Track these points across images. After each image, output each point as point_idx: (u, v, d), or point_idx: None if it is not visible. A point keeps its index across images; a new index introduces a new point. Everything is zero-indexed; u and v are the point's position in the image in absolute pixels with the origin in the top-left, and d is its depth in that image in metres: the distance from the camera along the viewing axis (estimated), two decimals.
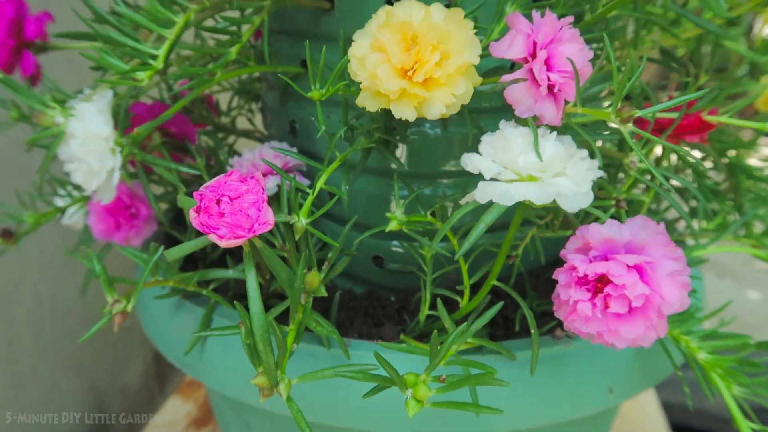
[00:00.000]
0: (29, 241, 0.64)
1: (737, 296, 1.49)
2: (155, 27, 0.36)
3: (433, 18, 0.31)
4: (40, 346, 0.81)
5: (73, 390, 0.84)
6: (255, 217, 0.30)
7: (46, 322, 0.81)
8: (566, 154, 0.31)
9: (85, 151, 0.37)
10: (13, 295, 0.76)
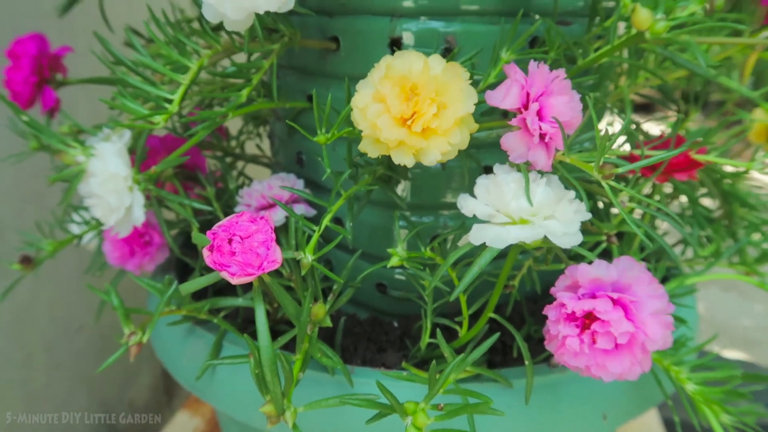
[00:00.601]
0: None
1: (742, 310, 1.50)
2: (171, 73, 0.38)
3: (432, 70, 0.33)
4: (53, 363, 0.83)
5: (85, 405, 0.86)
6: (264, 255, 0.32)
7: (59, 339, 0.84)
8: (555, 198, 0.33)
9: (105, 190, 0.39)
10: (28, 314, 0.78)
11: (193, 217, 0.43)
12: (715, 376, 0.39)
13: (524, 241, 0.32)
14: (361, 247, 0.52)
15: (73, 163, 0.41)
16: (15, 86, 0.47)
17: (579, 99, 0.35)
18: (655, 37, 0.32)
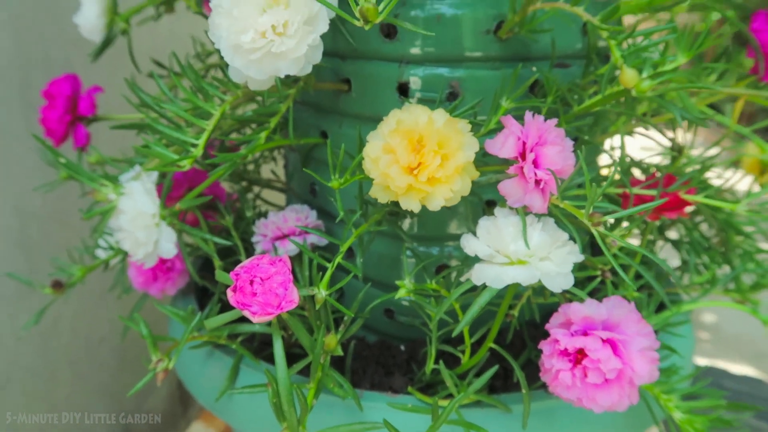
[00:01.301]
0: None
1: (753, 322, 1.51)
2: (196, 120, 0.42)
3: (436, 123, 0.36)
4: (76, 375, 0.86)
5: (104, 415, 0.89)
6: (283, 295, 0.35)
7: (81, 352, 0.87)
8: (550, 241, 0.36)
9: (134, 226, 0.43)
10: (53, 329, 0.82)
11: (215, 253, 0.46)
12: (700, 405, 0.41)
13: (521, 282, 0.35)
14: (370, 274, 0.55)
15: (105, 200, 0.44)
16: (50, 124, 0.51)
17: (571, 147, 0.38)
18: (640, 94, 0.35)
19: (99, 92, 0.54)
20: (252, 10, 0.33)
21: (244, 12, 0.33)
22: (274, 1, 0.33)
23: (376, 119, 0.50)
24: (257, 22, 0.33)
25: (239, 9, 0.33)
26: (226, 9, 0.33)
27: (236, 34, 0.33)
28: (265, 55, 0.33)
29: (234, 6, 0.33)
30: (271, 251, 0.53)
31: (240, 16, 0.33)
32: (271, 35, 0.33)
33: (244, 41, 0.33)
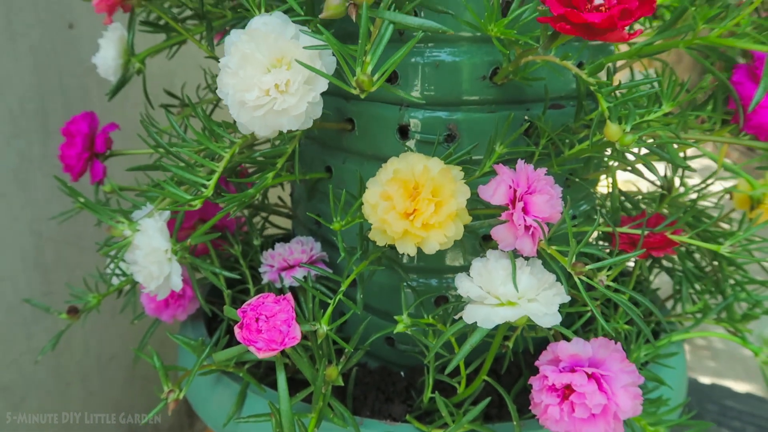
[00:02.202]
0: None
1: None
2: (207, 162, 0.44)
3: (431, 172, 0.39)
4: (87, 392, 0.89)
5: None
6: (286, 332, 0.38)
7: (93, 370, 0.90)
8: (538, 283, 0.38)
9: (148, 261, 0.45)
10: (66, 347, 0.85)
11: (224, 286, 0.49)
12: None
13: (510, 320, 0.38)
14: (371, 303, 0.57)
15: (121, 236, 0.47)
16: (69, 161, 0.54)
17: (560, 193, 0.40)
18: (624, 147, 0.37)
19: (115, 129, 0.57)
20: (256, 70, 0.35)
21: (249, 72, 0.35)
22: (277, 62, 0.36)
23: (378, 157, 0.53)
24: (261, 81, 0.35)
25: (245, 69, 0.35)
26: (233, 69, 0.36)
27: (242, 93, 0.36)
28: (268, 112, 0.36)
29: (240, 67, 0.36)
30: (278, 281, 0.55)
31: (245, 76, 0.35)
32: (274, 93, 0.35)
33: (249, 99, 0.35)
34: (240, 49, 0.35)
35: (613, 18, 0.28)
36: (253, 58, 0.35)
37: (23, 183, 0.77)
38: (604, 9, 0.29)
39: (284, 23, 0.36)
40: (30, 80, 0.77)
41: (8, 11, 0.74)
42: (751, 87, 0.41)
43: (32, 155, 0.78)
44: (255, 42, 0.35)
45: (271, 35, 0.35)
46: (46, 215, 0.79)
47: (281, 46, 0.35)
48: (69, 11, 0.81)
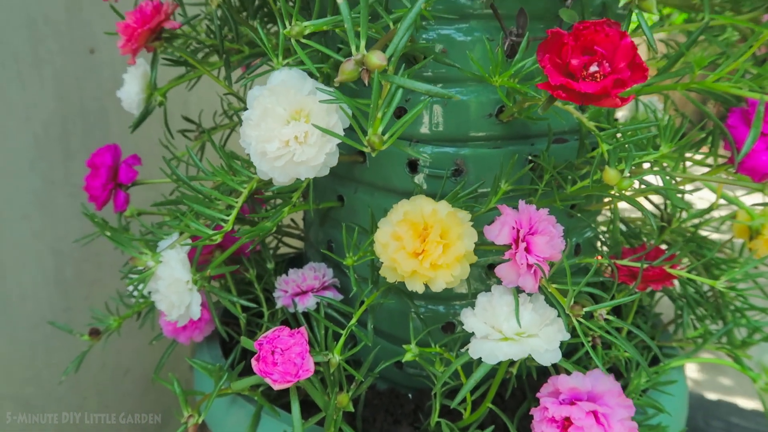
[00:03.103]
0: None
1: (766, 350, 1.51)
2: (226, 198, 0.47)
3: (439, 214, 0.41)
4: (103, 405, 0.92)
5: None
6: (300, 365, 0.40)
7: (108, 383, 0.93)
8: (540, 320, 0.40)
9: (169, 291, 0.48)
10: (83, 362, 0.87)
11: (241, 314, 0.51)
12: None
13: (512, 358, 0.40)
14: (382, 327, 0.59)
15: (144, 266, 0.49)
16: (94, 191, 0.56)
17: (561, 232, 0.42)
18: (621, 191, 0.39)
19: (137, 163, 0.59)
20: (277, 123, 0.38)
21: (270, 124, 0.38)
22: (296, 115, 0.38)
23: (388, 189, 0.55)
24: (281, 133, 0.38)
25: (266, 122, 0.38)
26: (255, 122, 0.38)
27: (263, 143, 0.38)
28: (288, 162, 0.38)
29: (262, 119, 0.38)
30: (291, 306, 0.58)
31: (266, 128, 0.38)
32: (293, 145, 0.38)
33: (270, 150, 0.38)
34: (262, 104, 0.38)
35: (607, 88, 0.30)
36: (274, 112, 0.38)
37: (45, 204, 0.79)
38: (599, 76, 0.31)
39: (302, 79, 0.38)
40: (53, 105, 0.80)
41: (35, 40, 0.77)
42: (744, 131, 0.43)
43: (54, 177, 0.81)
44: (276, 96, 0.38)
45: (291, 91, 0.37)
46: (66, 234, 0.82)
47: (300, 100, 0.38)
48: (91, 37, 0.84)
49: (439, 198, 0.49)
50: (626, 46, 0.31)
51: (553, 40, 0.32)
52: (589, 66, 0.32)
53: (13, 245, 0.76)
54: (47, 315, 0.82)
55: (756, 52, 0.50)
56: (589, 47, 0.31)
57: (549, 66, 0.32)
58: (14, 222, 0.75)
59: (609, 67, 0.31)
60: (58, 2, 0.79)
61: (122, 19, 0.51)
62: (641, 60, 0.32)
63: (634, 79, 0.31)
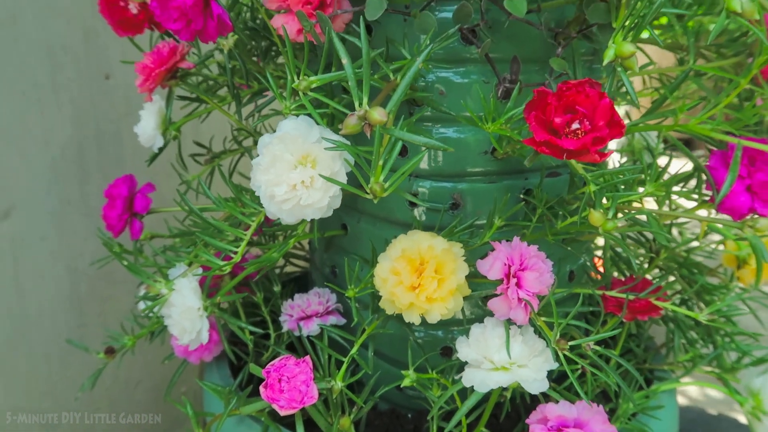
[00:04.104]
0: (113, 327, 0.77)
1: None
2: (235, 231, 0.50)
3: (435, 250, 0.44)
4: (114, 416, 0.95)
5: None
6: (305, 392, 0.43)
7: (121, 395, 0.96)
8: (529, 351, 0.43)
9: (182, 318, 0.51)
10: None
11: (249, 340, 0.54)
12: None
13: (503, 386, 0.42)
14: (383, 350, 0.62)
15: (158, 294, 0.52)
16: (110, 221, 0.60)
17: (550, 268, 0.45)
18: (606, 232, 0.42)
19: (152, 191, 0.62)
20: (285, 168, 0.41)
21: (279, 169, 0.41)
22: (303, 160, 0.41)
23: (389, 220, 0.58)
24: (289, 178, 0.41)
25: (275, 168, 0.41)
26: (264, 167, 0.41)
27: (272, 187, 0.41)
28: (295, 205, 0.41)
29: (271, 165, 0.41)
30: (296, 330, 0.60)
31: (275, 173, 0.41)
32: (300, 189, 0.41)
33: (278, 193, 0.41)
34: (271, 151, 0.41)
35: (587, 145, 0.33)
36: (282, 158, 0.41)
37: (62, 225, 0.83)
38: (581, 133, 0.34)
39: (309, 127, 0.41)
40: (70, 129, 0.83)
41: (53, 68, 0.80)
42: (724, 173, 0.45)
43: (70, 198, 0.84)
44: (284, 144, 0.41)
45: (299, 139, 0.41)
46: (81, 253, 0.86)
47: (307, 147, 0.41)
48: (106, 63, 0.88)
49: (438, 230, 0.52)
50: (605, 106, 0.34)
51: (539, 99, 0.35)
52: (571, 123, 0.34)
53: (32, 265, 0.79)
54: (63, 330, 0.85)
55: (741, 95, 0.53)
56: (571, 107, 0.34)
57: (534, 123, 0.35)
58: (33, 243, 0.79)
59: (589, 125, 0.34)
60: (76, 31, 0.83)
61: (137, 49, 0.54)
62: (619, 117, 0.35)
63: (612, 135, 0.34)
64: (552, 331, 0.42)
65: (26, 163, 0.78)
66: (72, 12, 0.81)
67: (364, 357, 0.50)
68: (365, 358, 0.50)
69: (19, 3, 0.75)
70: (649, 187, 0.48)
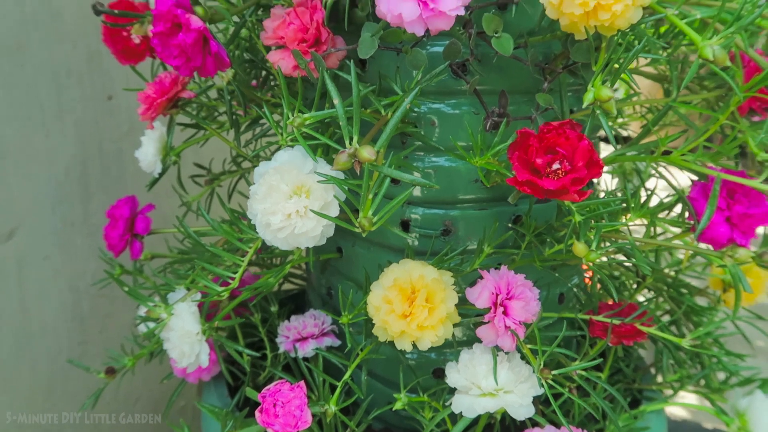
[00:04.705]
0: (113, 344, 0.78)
1: None
2: (233, 257, 0.51)
3: (425, 279, 0.45)
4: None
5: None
6: (299, 416, 0.44)
7: (121, 410, 0.97)
8: (515, 378, 0.45)
9: (181, 342, 0.52)
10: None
11: (246, 361, 0.56)
12: None
13: (490, 411, 0.44)
14: (377, 371, 0.63)
15: (158, 318, 0.54)
16: (112, 241, 0.61)
17: (536, 296, 0.47)
18: (590, 262, 0.44)
19: (152, 209, 0.64)
20: (280, 198, 0.43)
21: (274, 199, 0.43)
22: (298, 190, 0.43)
23: (383, 245, 0.59)
24: (284, 207, 0.42)
25: (271, 197, 0.43)
26: (261, 197, 0.43)
27: (268, 216, 0.43)
28: (289, 234, 0.43)
29: (267, 195, 0.43)
30: (292, 351, 0.62)
31: (271, 203, 0.43)
32: (294, 218, 0.42)
33: (274, 222, 0.43)
34: (267, 181, 0.43)
35: (566, 185, 0.35)
36: (278, 188, 0.43)
37: (65, 244, 0.85)
38: (561, 173, 0.36)
39: (304, 158, 0.43)
40: (74, 150, 0.85)
41: (58, 91, 0.82)
42: (704, 204, 0.47)
43: (74, 218, 0.86)
44: (280, 175, 0.43)
45: (294, 170, 0.42)
46: (83, 271, 0.87)
47: (301, 178, 0.43)
48: (110, 84, 0.90)
49: (430, 255, 0.54)
50: (584, 148, 0.36)
51: (522, 141, 0.37)
52: (552, 164, 0.36)
53: (36, 284, 0.81)
54: (65, 348, 0.87)
55: (724, 125, 0.54)
56: (552, 148, 0.36)
57: (517, 163, 0.36)
58: (37, 263, 0.81)
59: (569, 165, 0.36)
60: (80, 54, 0.85)
61: (139, 76, 0.56)
62: (597, 158, 0.36)
63: (591, 175, 0.36)
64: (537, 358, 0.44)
65: (31, 184, 0.80)
66: (77, 36, 0.84)
67: (358, 381, 0.52)
68: (359, 382, 0.52)
69: (26, 29, 0.77)
70: (634, 216, 0.49)
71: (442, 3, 0.36)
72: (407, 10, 0.36)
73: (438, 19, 0.37)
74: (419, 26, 0.37)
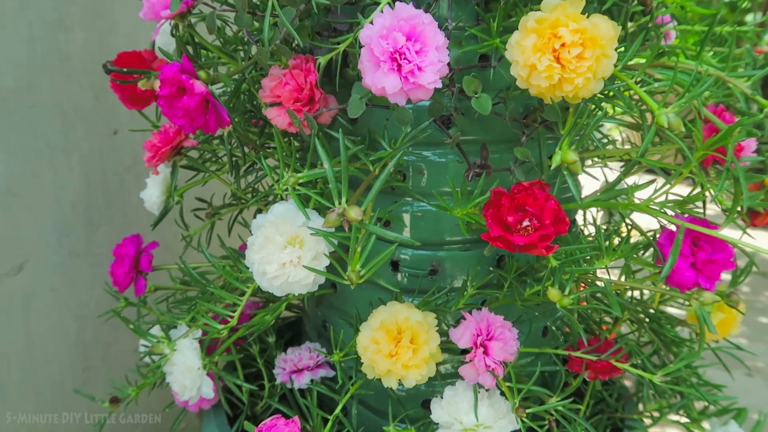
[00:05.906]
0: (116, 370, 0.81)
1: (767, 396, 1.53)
2: (232, 297, 0.55)
3: (410, 321, 0.49)
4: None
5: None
6: None
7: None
8: (494, 414, 0.48)
9: (183, 376, 0.55)
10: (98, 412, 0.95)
11: (245, 394, 0.59)
12: None
13: None
14: (369, 401, 0.66)
15: (161, 353, 0.57)
16: (117, 278, 0.65)
17: (515, 336, 0.50)
18: (563, 307, 0.47)
19: (156, 247, 0.68)
20: (276, 248, 0.46)
21: (270, 249, 0.46)
22: (292, 241, 0.46)
23: (373, 283, 0.62)
24: (279, 257, 0.46)
25: (267, 248, 0.46)
26: (257, 247, 0.47)
27: (264, 265, 0.46)
28: (284, 282, 0.47)
29: (263, 246, 0.46)
30: (288, 383, 0.65)
31: (267, 253, 0.46)
32: (289, 267, 0.46)
33: (269, 271, 0.46)
34: (264, 233, 0.46)
35: (534, 242, 0.38)
36: (273, 240, 0.46)
37: (70, 276, 0.88)
38: (531, 230, 0.39)
39: (297, 212, 0.47)
40: (79, 185, 0.89)
41: (65, 129, 0.86)
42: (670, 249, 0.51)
43: (79, 249, 0.89)
44: (275, 227, 0.46)
45: (288, 223, 0.46)
46: (87, 300, 0.91)
47: (295, 230, 0.46)
48: (115, 119, 0.94)
49: (417, 293, 0.58)
50: (551, 207, 0.39)
51: (495, 200, 0.40)
52: (522, 221, 0.40)
53: (42, 315, 0.84)
54: (68, 375, 0.90)
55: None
56: (522, 207, 0.40)
57: (490, 220, 0.40)
58: (43, 294, 0.84)
59: (538, 223, 0.39)
60: (87, 92, 0.89)
61: (145, 119, 0.59)
62: (564, 215, 0.40)
63: (557, 231, 0.39)
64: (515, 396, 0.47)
65: (39, 219, 0.84)
66: (84, 76, 0.88)
67: (349, 416, 0.55)
68: (350, 417, 0.55)
69: (35, 72, 0.81)
70: (606, 259, 0.53)
71: (421, 77, 0.39)
72: (390, 84, 0.39)
73: (418, 91, 0.40)
74: (401, 97, 0.41)
